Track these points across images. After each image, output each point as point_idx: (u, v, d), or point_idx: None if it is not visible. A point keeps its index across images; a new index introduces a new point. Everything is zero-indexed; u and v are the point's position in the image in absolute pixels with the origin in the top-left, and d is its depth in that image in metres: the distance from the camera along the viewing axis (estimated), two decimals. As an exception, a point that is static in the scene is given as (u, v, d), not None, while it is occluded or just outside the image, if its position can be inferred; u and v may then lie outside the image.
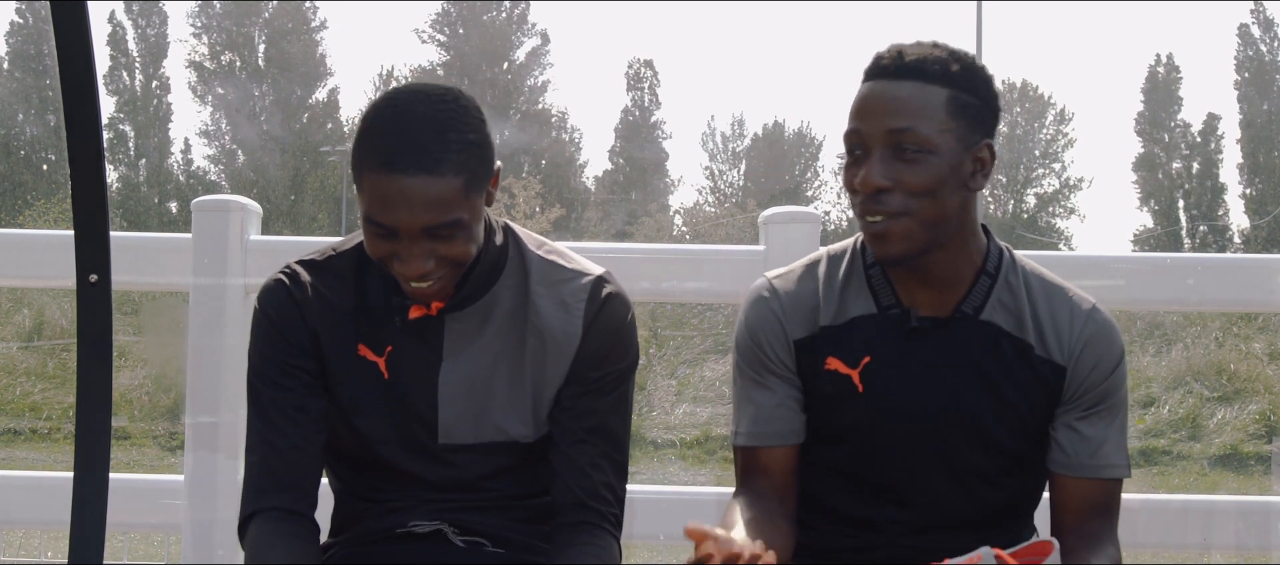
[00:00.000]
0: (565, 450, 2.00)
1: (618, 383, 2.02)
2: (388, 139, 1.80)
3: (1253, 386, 12.41)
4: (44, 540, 4.49)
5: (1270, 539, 3.02)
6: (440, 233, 1.82)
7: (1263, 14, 40.18)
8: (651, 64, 44.97)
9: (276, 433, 1.97)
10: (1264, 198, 39.80)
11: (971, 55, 1.95)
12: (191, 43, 41.20)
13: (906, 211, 1.89)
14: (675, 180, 46.42)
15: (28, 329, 13.80)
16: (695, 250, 8.10)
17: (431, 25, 43.09)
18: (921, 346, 1.98)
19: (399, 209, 1.79)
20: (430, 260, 1.83)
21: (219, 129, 40.86)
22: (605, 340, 1.99)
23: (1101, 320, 2.00)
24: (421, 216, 1.80)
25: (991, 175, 1.96)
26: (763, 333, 2.04)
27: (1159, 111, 41.65)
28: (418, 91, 1.85)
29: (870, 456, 2.03)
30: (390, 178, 1.78)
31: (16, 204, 29.62)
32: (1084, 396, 1.99)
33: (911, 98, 1.89)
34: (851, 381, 2.00)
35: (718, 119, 61.25)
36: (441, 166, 1.79)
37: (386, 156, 1.79)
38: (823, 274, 2.05)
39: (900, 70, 1.90)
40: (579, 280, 2.01)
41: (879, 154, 1.89)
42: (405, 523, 2.03)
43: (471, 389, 1.98)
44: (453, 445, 2.00)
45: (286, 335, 1.98)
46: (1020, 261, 2.03)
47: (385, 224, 1.81)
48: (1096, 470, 2.00)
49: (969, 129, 1.91)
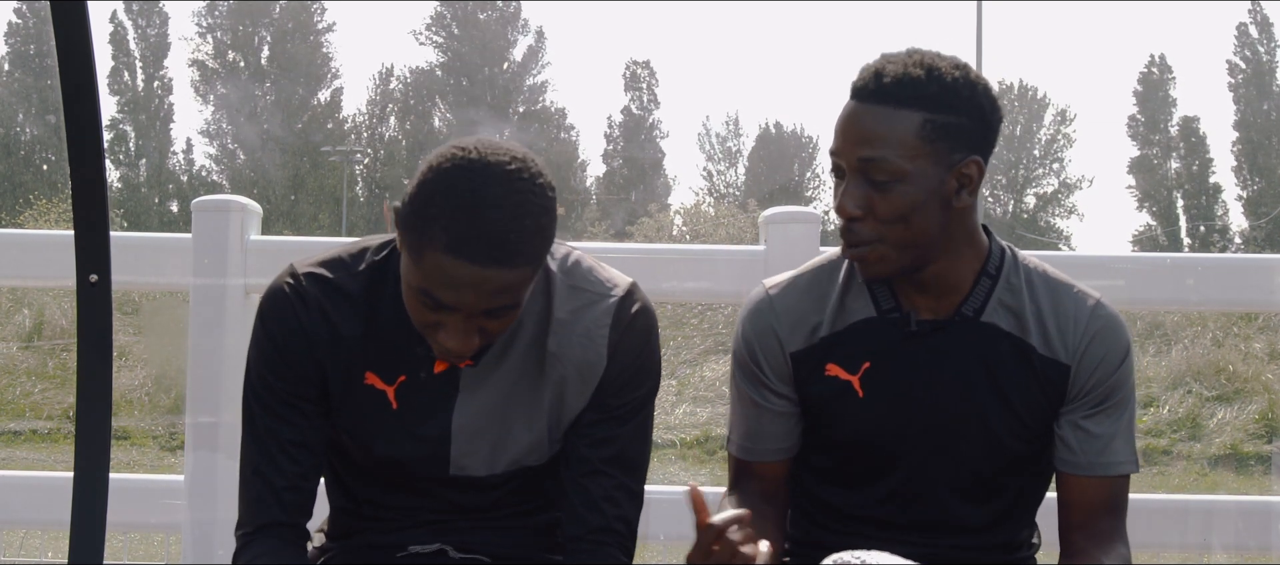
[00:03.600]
0: (580, 481, 1.92)
1: (639, 408, 1.94)
2: (461, 225, 1.68)
3: (1253, 386, 12.39)
4: (44, 540, 4.49)
5: (1270, 539, 3.01)
6: (497, 312, 1.75)
7: (1260, 14, 40.16)
8: (649, 64, 44.97)
9: (274, 470, 1.90)
10: (1262, 198, 39.78)
11: (958, 69, 1.90)
12: (196, 41, 41.16)
13: (879, 238, 1.89)
14: (672, 179, 46.40)
15: (28, 329, 13.79)
16: (695, 250, 8.10)
17: (427, 27, 43.09)
18: (921, 350, 1.97)
19: (464, 293, 1.70)
20: (476, 336, 1.76)
21: (220, 129, 40.87)
22: (630, 363, 1.91)
23: (1106, 316, 1.99)
24: (485, 302, 1.72)
25: (979, 188, 1.93)
26: (759, 347, 2.03)
27: (1155, 112, 41.62)
28: (493, 170, 1.71)
29: (872, 460, 2.02)
30: (459, 263, 1.68)
31: (17, 204, 29.59)
32: (1090, 393, 1.98)
33: (881, 124, 1.86)
34: (852, 387, 1.99)
35: (713, 119, 61.26)
36: (516, 258, 1.70)
37: (459, 244, 1.68)
38: (823, 280, 2.04)
39: (873, 94, 1.88)
40: (604, 303, 1.91)
41: (852, 180, 1.89)
42: (405, 545, 1.99)
43: (488, 423, 1.91)
44: (463, 478, 1.95)
45: (289, 362, 1.89)
46: (1023, 261, 2.02)
47: (444, 303, 1.72)
48: (1106, 468, 1.98)
49: (949, 149, 1.87)
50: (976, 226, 1.97)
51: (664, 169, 44.79)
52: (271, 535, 1.91)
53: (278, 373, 1.90)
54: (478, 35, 42.35)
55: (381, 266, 1.91)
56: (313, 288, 1.90)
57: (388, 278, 1.90)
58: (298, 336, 1.89)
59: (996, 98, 1.93)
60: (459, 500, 1.97)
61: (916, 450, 1.99)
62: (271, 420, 1.91)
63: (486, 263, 1.68)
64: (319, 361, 1.90)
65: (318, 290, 1.90)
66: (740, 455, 2.07)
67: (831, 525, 2.07)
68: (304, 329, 1.89)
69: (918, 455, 2.00)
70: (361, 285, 1.90)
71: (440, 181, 1.71)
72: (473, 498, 1.97)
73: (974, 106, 1.89)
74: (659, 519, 2.93)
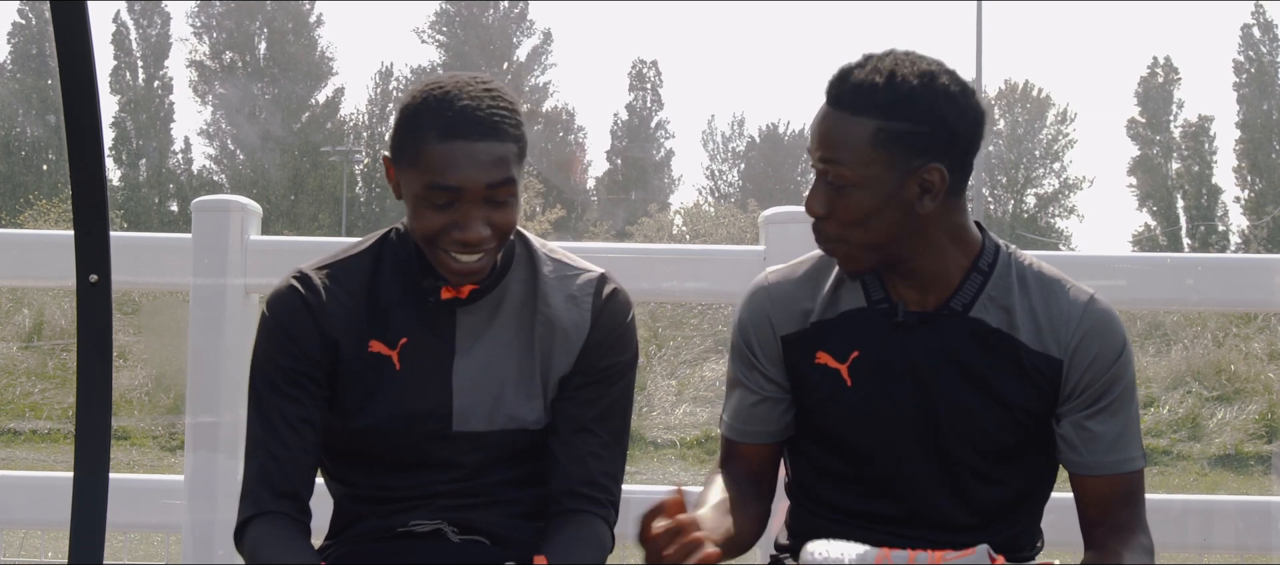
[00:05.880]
0: (567, 437, 2.05)
1: (622, 374, 2.09)
2: (447, 112, 1.91)
3: (1252, 386, 12.40)
4: (44, 540, 4.48)
5: (1270, 539, 3.01)
6: (499, 195, 1.92)
7: (1263, 15, 40.19)
8: (656, 64, 45.00)
9: (279, 443, 2.00)
10: (1262, 198, 39.78)
11: (923, 76, 1.90)
12: (192, 42, 41.18)
13: (841, 238, 1.96)
14: (676, 179, 46.40)
15: (28, 329, 13.79)
16: (695, 250, 8.11)
17: (430, 26, 43.07)
18: (907, 341, 2.00)
19: (465, 168, 1.90)
20: (486, 226, 1.92)
21: (220, 129, 40.89)
22: (612, 331, 2.07)
23: (1099, 312, 2.00)
24: (486, 174, 1.90)
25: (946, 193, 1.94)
26: (752, 330, 2.10)
27: (1157, 112, 41.63)
28: (459, 75, 1.97)
29: (862, 450, 2.05)
30: (454, 143, 1.90)
31: (17, 204, 29.61)
32: (1088, 390, 1.99)
33: (836, 131, 1.93)
34: (840, 376, 2.03)
35: (718, 119, 61.30)
36: (500, 132, 1.92)
37: (448, 126, 1.90)
38: (820, 269, 2.09)
39: (836, 99, 1.94)
40: (585, 275, 2.09)
41: (818, 180, 1.96)
42: (406, 522, 2.04)
43: (485, 378, 2.03)
44: (467, 433, 2.03)
45: (300, 341, 2.01)
46: (1018, 258, 2.04)
47: (450, 185, 1.90)
48: (1116, 466, 2.00)
49: (904, 156, 1.90)
50: (964, 224, 1.99)
51: (670, 169, 44.78)
52: (276, 511, 1.98)
53: (284, 350, 2.02)
54: (481, 35, 42.38)
55: (377, 246, 2.08)
56: (317, 277, 2.05)
57: (385, 254, 2.07)
58: (306, 317, 2.02)
59: (970, 104, 1.93)
60: (462, 461, 2.03)
61: (902, 439, 2.02)
62: (278, 398, 2.01)
63: (477, 136, 1.91)
64: (328, 336, 2.02)
65: (321, 278, 2.05)
66: (729, 435, 2.14)
67: (827, 520, 2.07)
68: (311, 309, 2.03)
69: (903, 444, 2.02)
70: (360, 264, 2.07)
71: (418, 96, 1.96)
72: (474, 458, 2.04)
73: (933, 114, 1.90)
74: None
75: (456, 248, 1.93)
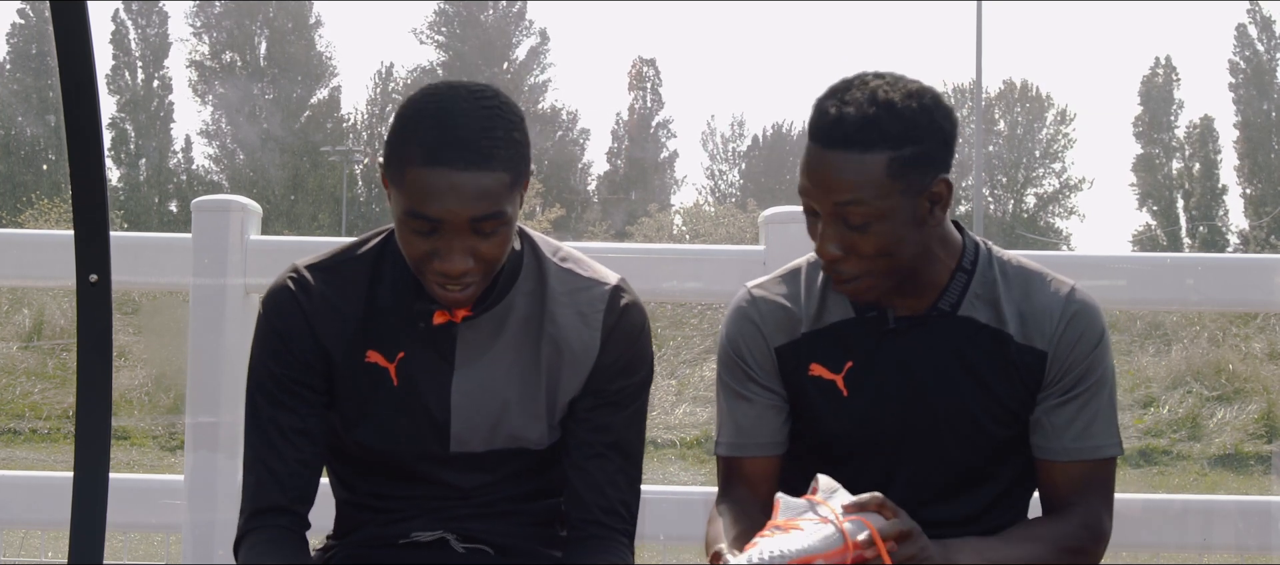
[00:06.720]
0: (581, 464, 1.97)
1: (635, 396, 2.00)
2: (434, 133, 1.78)
3: (1252, 386, 12.38)
4: (44, 540, 4.48)
5: (1270, 539, 3.01)
6: (484, 227, 1.80)
7: (1259, 14, 40.17)
8: (655, 64, 44.98)
9: (276, 456, 1.94)
10: (1263, 198, 39.78)
11: (911, 97, 1.90)
12: (191, 42, 41.17)
13: (866, 272, 1.92)
14: (679, 180, 46.41)
15: (28, 329, 13.78)
16: (695, 250, 8.10)
17: (429, 26, 43.07)
18: (900, 346, 2.01)
19: (447, 199, 1.77)
20: (470, 258, 1.81)
21: (219, 128, 40.88)
22: (623, 351, 1.97)
23: (1080, 302, 2.02)
24: (469, 207, 1.77)
25: (950, 204, 1.95)
26: (743, 342, 2.07)
27: (1157, 112, 41.63)
28: (459, 87, 1.83)
29: (861, 457, 2.04)
30: (437, 171, 1.77)
31: (17, 204, 29.60)
32: (1065, 377, 2.00)
33: (850, 170, 1.87)
34: (836, 386, 2.02)
35: (718, 119, 61.29)
36: (490, 161, 1.78)
37: (433, 150, 1.77)
38: (803, 280, 2.07)
39: (838, 140, 1.88)
40: (597, 289, 1.98)
41: (830, 225, 1.91)
42: (408, 533, 2.01)
43: (485, 398, 1.95)
44: (464, 453, 1.97)
45: (293, 348, 1.95)
46: (998, 254, 2.05)
47: (431, 216, 1.78)
48: (1084, 452, 2.00)
49: (918, 178, 1.90)
50: (949, 226, 2.01)
51: (672, 169, 44.75)
52: (271, 525, 1.94)
53: (280, 359, 1.95)
54: (480, 35, 42.37)
55: (379, 249, 1.98)
56: (314, 276, 1.97)
57: (386, 258, 1.96)
58: (300, 321, 1.95)
59: (949, 107, 1.94)
60: (460, 483, 1.99)
61: (904, 443, 2.02)
62: (274, 408, 1.95)
63: (462, 166, 1.77)
64: (321, 343, 1.95)
65: (319, 278, 1.97)
66: (729, 454, 2.08)
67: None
68: (306, 313, 1.95)
69: (905, 448, 2.02)
70: (361, 268, 1.97)
71: (411, 108, 1.83)
72: (473, 479, 1.99)
73: (933, 131, 1.90)
74: (658, 519, 2.93)
75: (437, 277, 1.83)
